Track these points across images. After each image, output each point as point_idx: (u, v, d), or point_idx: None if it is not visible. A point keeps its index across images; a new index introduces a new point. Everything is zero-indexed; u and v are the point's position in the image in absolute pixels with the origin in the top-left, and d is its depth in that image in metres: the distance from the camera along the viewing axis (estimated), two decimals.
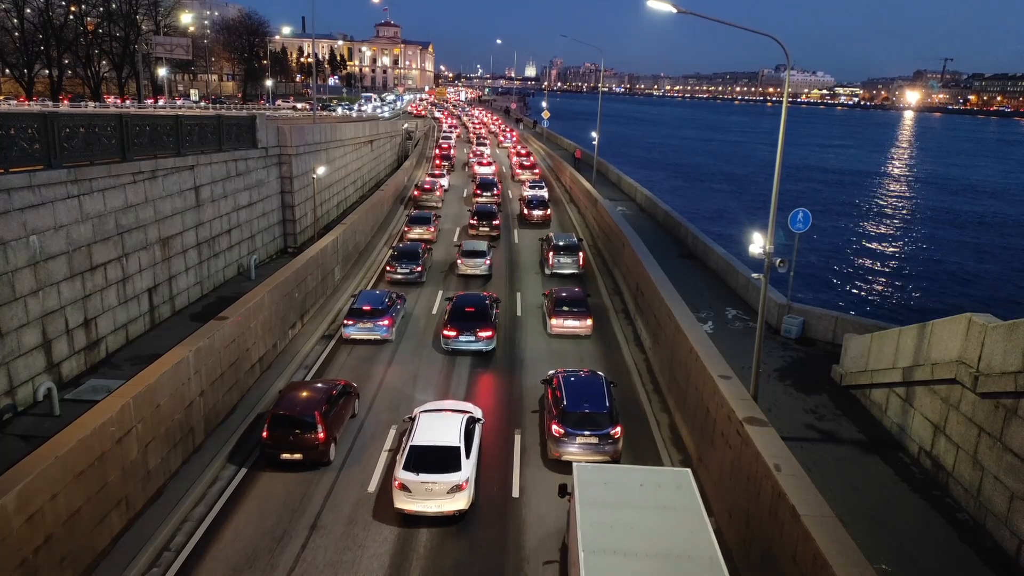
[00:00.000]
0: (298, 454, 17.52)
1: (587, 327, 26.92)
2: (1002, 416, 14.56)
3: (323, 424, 17.64)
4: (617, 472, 13.50)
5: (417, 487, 15.44)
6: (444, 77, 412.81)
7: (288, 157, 38.03)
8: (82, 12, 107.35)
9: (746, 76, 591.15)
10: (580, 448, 17.70)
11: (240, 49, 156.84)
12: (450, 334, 25.12)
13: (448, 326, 25.30)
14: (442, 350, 25.49)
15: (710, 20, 20.83)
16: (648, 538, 11.33)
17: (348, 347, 25.80)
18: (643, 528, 11.59)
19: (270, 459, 17.77)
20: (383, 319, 25.78)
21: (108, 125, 23.86)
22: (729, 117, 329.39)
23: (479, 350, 25.29)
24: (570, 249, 35.56)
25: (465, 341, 25.07)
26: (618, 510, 12.03)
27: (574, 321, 26.83)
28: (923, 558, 14.12)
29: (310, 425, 17.52)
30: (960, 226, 76.56)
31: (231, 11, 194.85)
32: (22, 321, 19.50)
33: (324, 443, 17.62)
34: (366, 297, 27.07)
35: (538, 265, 37.69)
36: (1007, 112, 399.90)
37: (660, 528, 11.61)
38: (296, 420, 17.55)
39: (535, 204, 49.28)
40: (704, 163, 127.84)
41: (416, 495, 15.47)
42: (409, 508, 15.61)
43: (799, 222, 24.27)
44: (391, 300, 27.08)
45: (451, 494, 15.49)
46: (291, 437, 17.45)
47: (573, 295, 27.94)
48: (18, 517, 11.56)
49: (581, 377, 19.88)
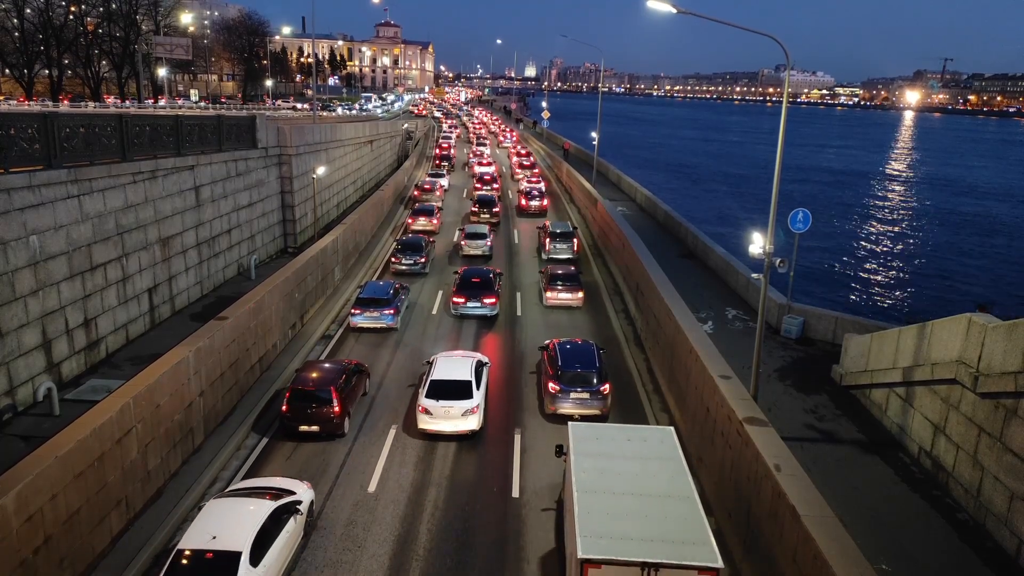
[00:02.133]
0: (315, 426, 18.83)
1: (579, 299, 30.30)
2: (1002, 416, 14.56)
3: (338, 398, 18.92)
4: (607, 429, 15.15)
5: (437, 410, 18.84)
6: (444, 77, 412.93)
7: (288, 157, 38.03)
8: (82, 12, 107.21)
9: (746, 76, 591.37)
10: (573, 403, 19.92)
11: (240, 49, 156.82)
12: (459, 300, 28.67)
13: (457, 293, 28.84)
14: (449, 325, 27.87)
15: (710, 20, 20.89)
16: (634, 481, 12.99)
17: (355, 335, 27.25)
18: (630, 473, 13.23)
19: (289, 431, 19.07)
20: (388, 308, 27.27)
21: (108, 125, 23.85)
22: (729, 117, 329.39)
23: (484, 314, 28.83)
24: (565, 236, 38.61)
25: (472, 306, 28.61)
26: (608, 460, 13.67)
27: (567, 294, 30.20)
28: (923, 558, 14.12)
29: (326, 399, 18.81)
30: (960, 226, 76.56)
31: (231, 11, 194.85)
32: (22, 321, 19.50)
33: (339, 416, 18.91)
34: (372, 288, 28.47)
35: (535, 251, 40.59)
36: (1009, 112, 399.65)
37: (645, 473, 13.25)
38: (313, 394, 18.89)
39: (532, 195, 51.81)
40: (704, 163, 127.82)
41: (436, 417, 18.87)
42: (430, 428, 19.01)
43: (799, 222, 24.27)
44: (395, 290, 28.45)
45: (464, 416, 18.88)
46: (309, 410, 18.76)
47: (567, 271, 31.38)
48: (18, 518, 11.55)
49: (575, 343, 22.19)
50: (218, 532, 12.70)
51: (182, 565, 12.24)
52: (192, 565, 12.24)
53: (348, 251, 34.86)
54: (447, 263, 37.52)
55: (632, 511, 12.15)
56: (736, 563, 14.25)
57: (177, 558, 12.34)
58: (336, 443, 19.03)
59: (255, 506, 13.62)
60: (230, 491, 15.23)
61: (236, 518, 13.19)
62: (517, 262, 38.70)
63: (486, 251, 38.34)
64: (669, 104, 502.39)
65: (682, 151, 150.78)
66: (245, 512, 13.39)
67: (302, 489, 15.30)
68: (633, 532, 11.62)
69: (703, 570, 11.02)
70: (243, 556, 12.36)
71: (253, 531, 12.85)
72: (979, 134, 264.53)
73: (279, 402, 20.37)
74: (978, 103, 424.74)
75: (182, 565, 12.24)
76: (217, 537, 12.59)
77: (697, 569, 11.03)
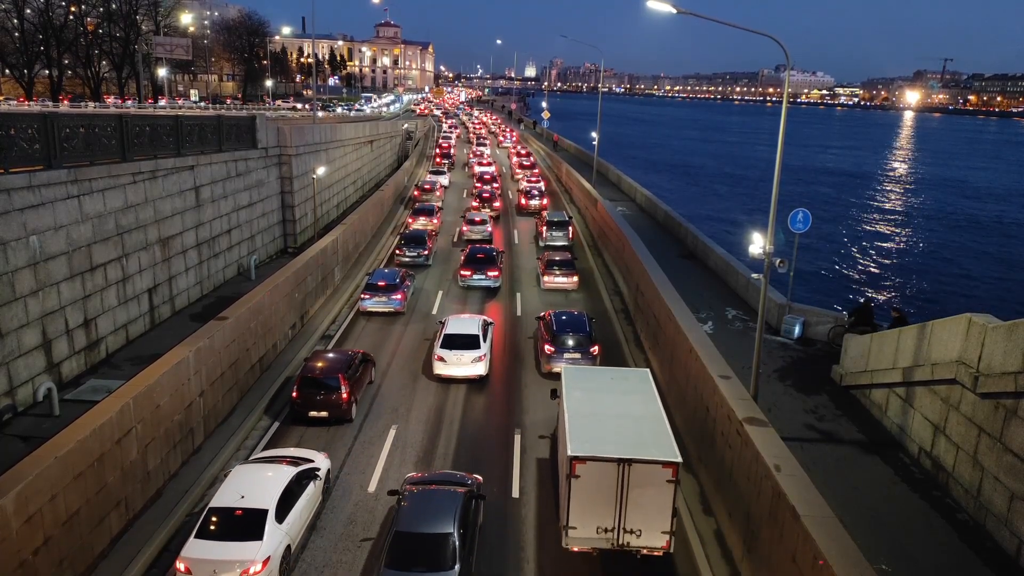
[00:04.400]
0: (324, 412, 19.80)
1: (574, 283, 32.72)
2: (1002, 416, 14.55)
3: (346, 385, 19.92)
4: (594, 370, 18.93)
5: (450, 358, 22.43)
6: (444, 77, 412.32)
7: (288, 157, 38.03)
8: (82, 12, 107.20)
9: (746, 76, 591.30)
10: (567, 362, 22.36)
11: (240, 49, 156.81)
12: (465, 273, 32.33)
13: (464, 267, 32.51)
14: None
15: (710, 20, 20.93)
16: (614, 407, 15.95)
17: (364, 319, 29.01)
18: (611, 401, 16.19)
19: (299, 416, 20.01)
20: (396, 293, 28.78)
21: (108, 125, 23.85)
22: (729, 117, 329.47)
23: (488, 286, 32.40)
24: (561, 224, 41.19)
25: (477, 279, 32.14)
26: (594, 392, 16.68)
27: (563, 278, 32.66)
28: (923, 558, 14.11)
29: (335, 386, 19.78)
30: (960, 227, 76.56)
31: (231, 11, 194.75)
32: (22, 321, 19.50)
33: (347, 403, 19.91)
34: (380, 274, 29.91)
35: (533, 247, 42.12)
36: (1010, 113, 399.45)
37: (623, 402, 16.22)
38: (322, 382, 19.87)
39: (532, 194, 52.92)
40: (705, 164, 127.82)
41: (450, 364, 22.48)
42: (445, 373, 22.59)
43: (799, 222, 24.25)
44: (402, 277, 29.95)
45: (473, 363, 22.43)
46: (318, 397, 19.70)
47: (563, 257, 33.83)
48: (17, 518, 11.54)
49: (568, 313, 25.19)
50: (246, 492, 14.00)
51: (214, 521, 13.52)
52: (223, 521, 13.52)
53: (348, 251, 34.86)
54: (448, 258, 38.62)
55: (612, 427, 14.95)
56: (736, 563, 14.25)
57: (209, 515, 13.62)
58: (345, 427, 20.12)
59: (278, 471, 14.93)
60: (254, 459, 16.63)
61: (262, 480, 14.54)
62: (517, 251, 41.18)
63: (487, 236, 41.11)
64: (669, 104, 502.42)
65: (682, 151, 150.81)
66: (270, 475, 14.76)
67: (320, 458, 16.62)
68: (612, 439, 14.37)
69: (665, 464, 13.69)
70: (270, 513, 13.64)
71: (278, 492, 14.13)
72: (979, 135, 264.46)
73: (283, 394, 21.70)
74: (978, 103, 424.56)
75: (214, 521, 13.52)
76: (245, 496, 13.88)
77: (661, 463, 13.70)
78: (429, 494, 14.40)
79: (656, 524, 13.96)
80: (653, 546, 14.07)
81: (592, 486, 13.90)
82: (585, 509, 14.01)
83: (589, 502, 13.97)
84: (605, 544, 14.22)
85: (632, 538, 14.06)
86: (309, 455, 16.58)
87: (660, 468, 13.71)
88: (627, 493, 13.87)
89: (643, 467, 13.73)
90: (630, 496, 13.88)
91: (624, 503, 13.92)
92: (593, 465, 13.80)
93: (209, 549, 13.08)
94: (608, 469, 13.77)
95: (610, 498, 13.93)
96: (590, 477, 13.83)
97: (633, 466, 13.73)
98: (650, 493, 13.81)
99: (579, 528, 14.15)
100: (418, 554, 12.91)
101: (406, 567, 12.68)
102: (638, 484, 13.78)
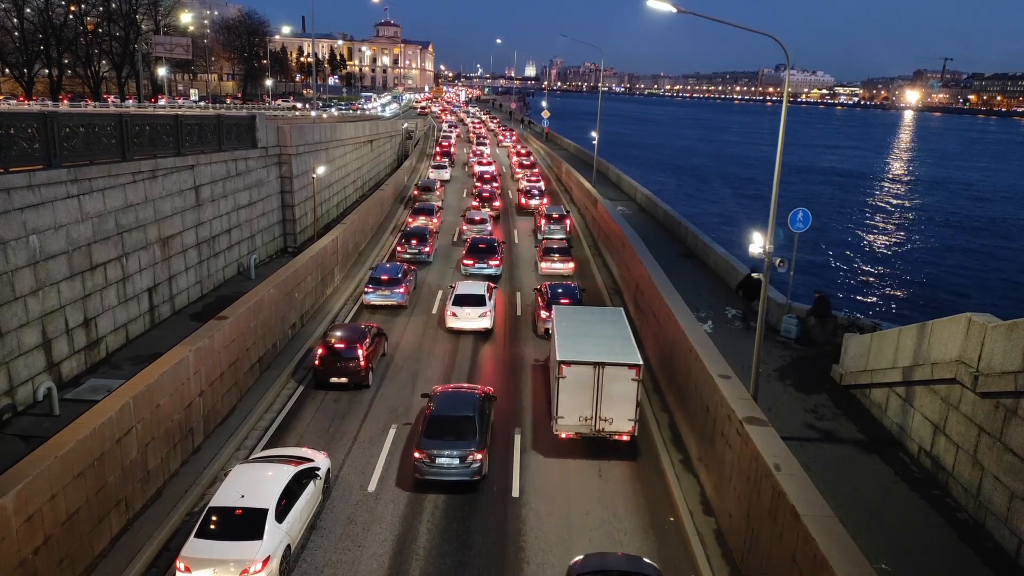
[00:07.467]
0: (344, 378, 21.95)
1: (570, 269, 34.69)
2: (1002, 416, 14.55)
3: (364, 353, 21.93)
4: (579, 309, 23.79)
5: (461, 313, 26.66)
6: (444, 77, 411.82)
7: (288, 157, 38.00)
8: (82, 12, 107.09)
9: (746, 76, 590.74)
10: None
11: (240, 49, 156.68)
12: (468, 262, 33.91)
13: (467, 256, 34.22)
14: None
15: (710, 20, 20.87)
16: (594, 330, 20.20)
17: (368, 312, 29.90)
18: (591, 328, 20.46)
19: (320, 382, 22.22)
20: (399, 287, 29.58)
21: (108, 125, 23.83)
22: (729, 117, 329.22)
23: (490, 274, 33.78)
24: (558, 218, 42.55)
25: (480, 267, 33.74)
26: (579, 322, 20.92)
27: (560, 264, 34.57)
28: (923, 558, 14.11)
29: (354, 354, 21.78)
30: (960, 226, 76.56)
31: (231, 11, 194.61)
32: (22, 321, 19.48)
33: (365, 370, 21.96)
34: (383, 268, 30.80)
35: (532, 242, 43.01)
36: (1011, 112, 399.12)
37: (601, 328, 20.58)
38: (342, 351, 21.89)
39: (532, 193, 53.25)
40: (705, 164, 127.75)
41: (460, 318, 26.72)
42: (455, 326, 26.88)
43: (799, 222, 24.24)
44: (405, 272, 30.82)
45: (480, 318, 26.63)
46: (339, 364, 21.85)
47: (561, 245, 36.14)
48: (17, 518, 11.54)
49: (563, 284, 28.68)
50: (247, 492, 14.00)
51: (214, 521, 13.52)
52: (223, 520, 13.53)
53: (348, 251, 34.86)
54: (448, 257, 39.14)
55: (591, 342, 19.13)
56: (736, 563, 14.25)
57: (209, 515, 13.61)
58: (362, 392, 22.28)
59: (278, 470, 14.98)
60: (254, 458, 16.62)
61: (262, 480, 14.58)
62: (517, 250, 42.11)
63: (486, 235, 41.16)
64: (669, 104, 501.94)
65: (682, 151, 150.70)
66: (270, 475, 14.79)
67: (320, 458, 16.75)
68: (590, 350, 18.48)
69: (630, 365, 17.95)
70: (270, 512, 13.65)
71: (278, 491, 14.17)
72: (979, 134, 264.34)
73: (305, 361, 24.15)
74: (978, 103, 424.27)
75: (214, 521, 13.52)
76: (245, 496, 13.89)
77: (627, 365, 17.94)
78: (455, 392, 19.05)
79: (624, 413, 18.03)
80: (622, 431, 18.23)
81: (575, 384, 17.89)
82: (570, 402, 18.02)
83: (573, 397, 17.95)
84: (586, 430, 18.28)
85: (606, 425, 18.13)
86: (309, 454, 16.68)
87: (626, 369, 17.86)
88: (602, 389, 17.85)
89: (613, 368, 17.82)
90: (604, 391, 17.85)
91: (599, 397, 17.91)
92: (576, 367, 17.88)
93: (209, 549, 13.10)
94: (587, 370, 17.85)
95: (589, 393, 17.90)
96: (573, 377, 17.88)
97: (606, 368, 17.81)
98: (619, 388, 17.84)
99: (566, 418, 18.24)
100: (448, 430, 16.89)
101: (440, 436, 16.71)
102: (610, 381, 17.81)
